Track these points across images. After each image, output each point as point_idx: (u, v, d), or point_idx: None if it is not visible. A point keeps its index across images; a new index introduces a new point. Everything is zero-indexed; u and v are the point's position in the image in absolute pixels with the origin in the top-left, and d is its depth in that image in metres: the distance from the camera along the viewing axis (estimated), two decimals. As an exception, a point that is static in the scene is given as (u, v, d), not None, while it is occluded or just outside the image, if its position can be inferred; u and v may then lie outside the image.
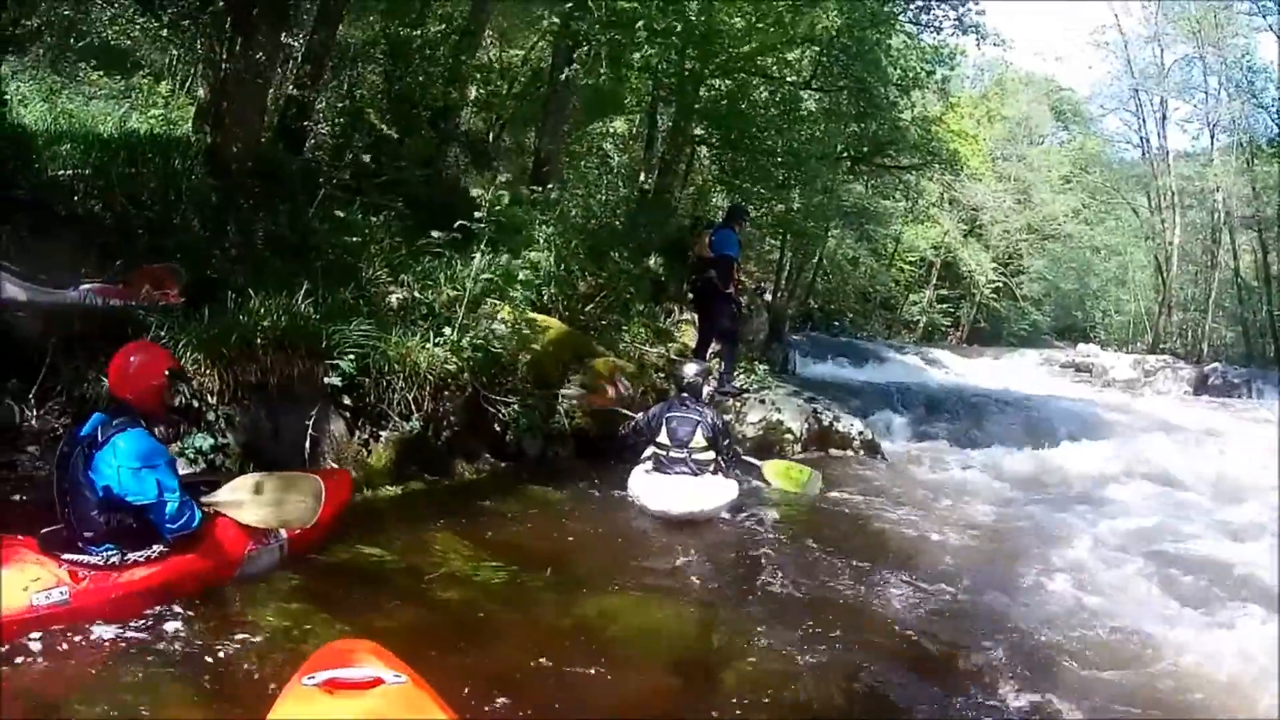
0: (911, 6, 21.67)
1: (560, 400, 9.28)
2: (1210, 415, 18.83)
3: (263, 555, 5.13)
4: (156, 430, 4.83)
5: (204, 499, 4.85)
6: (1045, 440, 13.42)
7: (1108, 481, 11.00)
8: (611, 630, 5.07)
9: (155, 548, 4.55)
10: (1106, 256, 48.87)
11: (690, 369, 9.00)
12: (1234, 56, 39.20)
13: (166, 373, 4.75)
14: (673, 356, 12.63)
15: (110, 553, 4.42)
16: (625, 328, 12.44)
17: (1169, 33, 41.27)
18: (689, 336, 14.06)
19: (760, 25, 14.71)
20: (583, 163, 19.15)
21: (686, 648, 5.09)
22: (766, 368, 14.56)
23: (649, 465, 8.22)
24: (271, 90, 9.71)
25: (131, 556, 4.47)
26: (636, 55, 13.81)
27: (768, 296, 23.17)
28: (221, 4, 8.66)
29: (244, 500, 4.98)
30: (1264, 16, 37.14)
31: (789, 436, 11.22)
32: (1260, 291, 37.45)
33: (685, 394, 8.66)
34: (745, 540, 7.27)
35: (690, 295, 13.44)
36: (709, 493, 7.79)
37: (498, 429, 8.38)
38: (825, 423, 11.75)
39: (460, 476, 7.87)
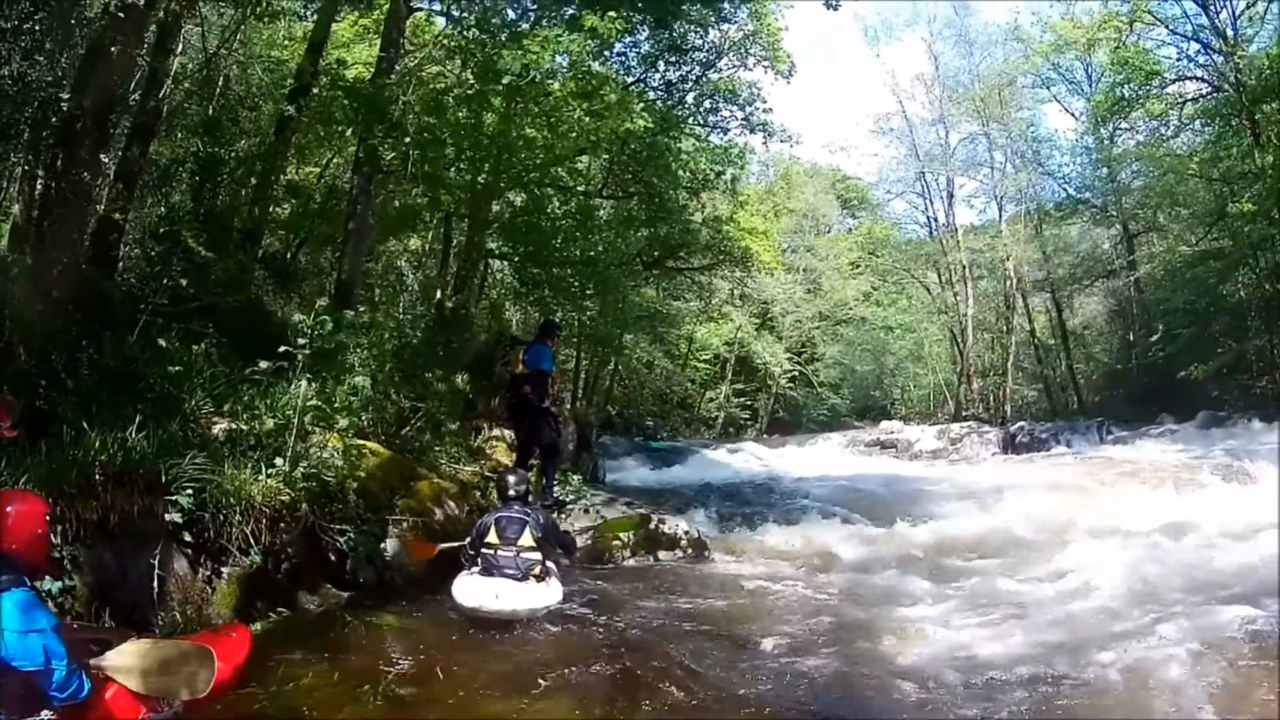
0: (700, 109, 22.49)
1: (390, 526, 9.19)
2: (1020, 469, 20.15)
3: None
4: (38, 585, 4.60)
5: (93, 661, 4.59)
6: (866, 514, 13.86)
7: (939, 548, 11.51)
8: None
9: (44, 714, 4.29)
10: (901, 334, 51.17)
11: (512, 478, 9.03)
12: (1019, 129, 42.37)
13: (47, 518, 4.54)
14: (486, 474, 12.64)
15: (-3, 721, 4.14)
16: (440, 448, 12.39)
17: (953, 114, 44.69)
18: (501, 454, 14.10)
19: (561, 131, 14.96)
20: (380, 281, 19.06)
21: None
22: (580, 477, 14.65)
23: (476, 569, 8.27)
24: (84, 210, 9.49)
25: (18, 725, 4.18)
26: (448, 172, 13.96)
27: (569, 406, 23.26)
28: (45, 119, 8.35)
29: (135, 667, 4.74)
30: (1048, 88, 40.54)
31: (617, 543, 11.25)
32: (1057, 349, 40.11)
33: (511, 499, 8.70)
34: (595, 637, 7.46)
35: (506, 412, 13.51)
36: (528, 594, 7.93)
37: (333, 558, 8.21)
38: (652, 526, 11.85)
39: (306, 609, 7.65)
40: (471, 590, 7.91)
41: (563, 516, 11.67)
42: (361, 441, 9.80)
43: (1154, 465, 17.39)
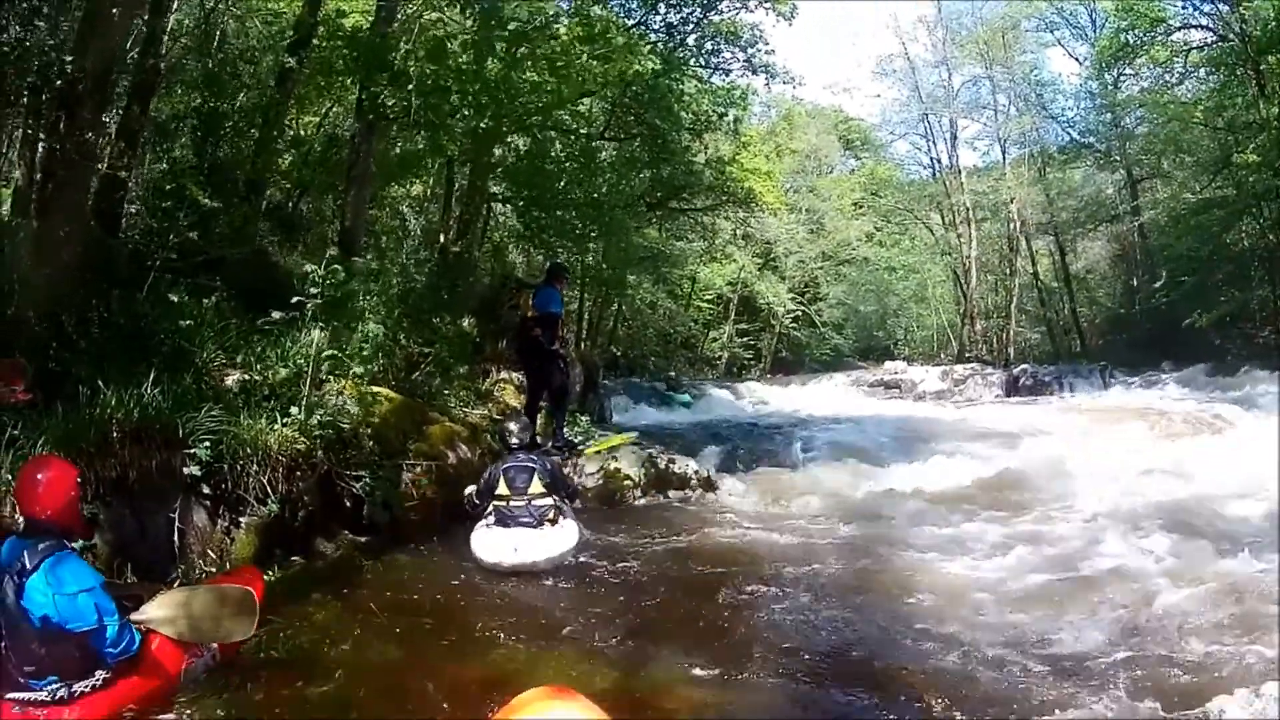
0: (702, 51, 22.34)
1: (405, 470, 9.29)
2: (1023, 412, 20.03)
3: (198, 666, 5.02)
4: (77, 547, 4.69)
5: (133, 617, 4.65)
6: (873, 456, 13.86)
7: (945, 490, 11.59)
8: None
9: (99, 674, 4.38)
10: (904, 275, 51.12)
11: (514, 425, 9.23)
12: (1022, 73, 41.90)
13: (78, 482, 4.62)
14: (495, 417, 12.74)
15: (56, 686, 4.24)
16: (449, 392, 12.48)
17: (956, 56, 44.15)
18: (510, 396, 14.18)
19: (565, 76, 14.89)
20: (383, 228, 19.03)
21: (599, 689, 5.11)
22: (588, 419, 14.76)
23: (491, 520, 8.39)
24: (89, 170, 9.49)
25: (78, 688, 4.30)
26: (451, 118, 13.91)
27: (575, 348, 23.31)
28: (47, 83, 8.35)
29: (177, 617, 4.82)
30: (1051, 31, 40.14)
31: (628, 483, 11.43)
32: (1060, 292, 39.99)
33: (517, 448, 8.85)
34: (610, 582, 7.60)
35: (515, 355, 13.57)
36: (545, 543, 8.03)
37: (349, 504, 8.31)
38: (661, 466, 11.96)
39: (324, 555, 7.77)
40: (490, 544, 8.03)
41: (574, 459, 11.72)
42: (374, 388, 9.90)
43: (1158, 412, 17.35)
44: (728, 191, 25.77)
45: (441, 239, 17.70)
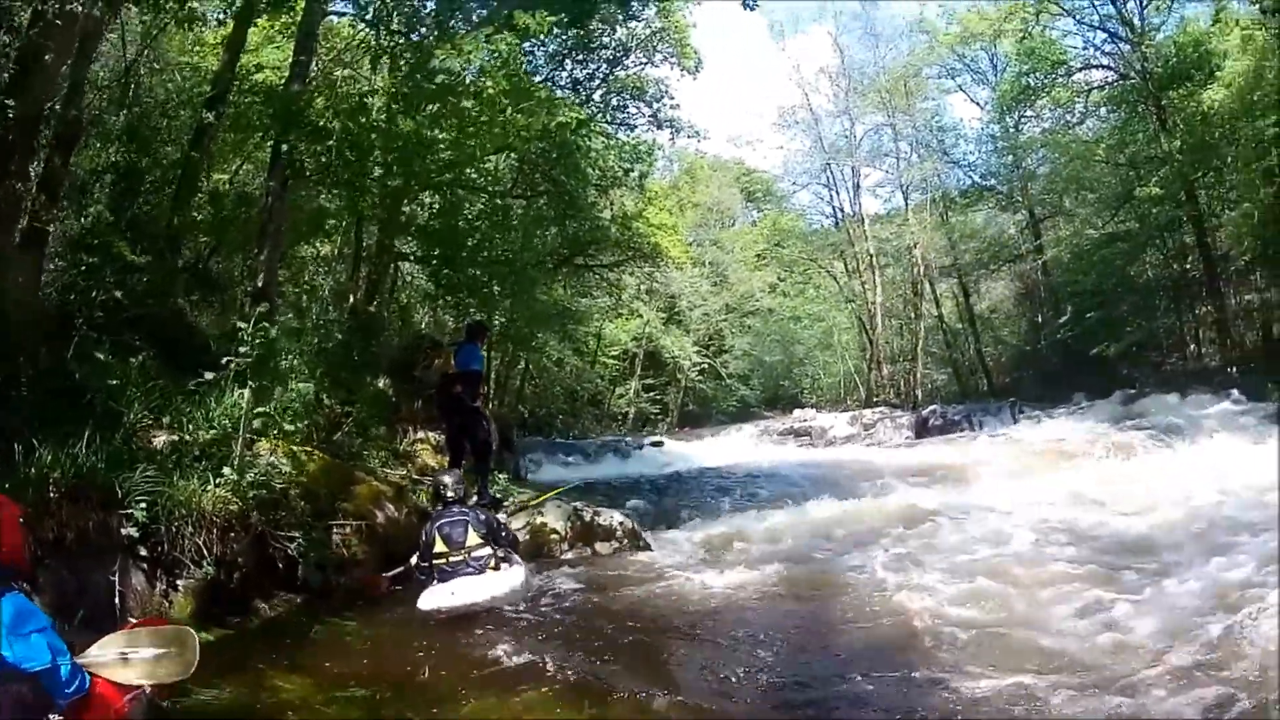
0: (608, 107, 22.57)
1: (335, 530, 9.16)
2: (938, 451, 20.53)
3: (137, 710, 4.86)
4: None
5: (78, 659, 4.48)
6: (793, 500, 14.02)
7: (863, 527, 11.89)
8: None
9: (51, 717, 4.23)
10: (809, 324, 51.94)
11: (448, 478, 9.21)
12: (924, 119, 43.41)
13: (21, 520, 4.48)
14: (414, 476, 12.65)
15: (7, 730, 4.07)
16: (369, 452, 12.35)
17: (858, 105, 45.44)
18: (428, 456, 14.08)
19: (485, 130, 14.94)
20: (293, 288, 18.83)
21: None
22: (505, 476, 14.71)
23: (435, 580, 8.29)
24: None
25: (30, 732, 4.12)
26: (371, 176, 13.89)
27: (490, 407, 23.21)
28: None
29: (120, 657, 4.69)
30: (953, 78, 41.63)
31: (555, 536, 11.33)
32: (966, 332, 40.94)
33: (450, 502, 8.83)
34: (554, 629, 7.55)
35: (438, 412, 13.48)
36: (486, 585, 8.07)
37: (282, 565, 8.15)
38: (587, 519, 11.88)
39: (261, 615, 7.63)
40: (429, 594, 8.03)
41: (500, 514, 11.66)
42: (304, 447, 9.77)
43: (1071, 440, 18.05)
44: (633, 246, 26.10)
45: (351, 299, 17.53)
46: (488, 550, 8.39)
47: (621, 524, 12.06)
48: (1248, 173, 23.85)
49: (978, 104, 43.03)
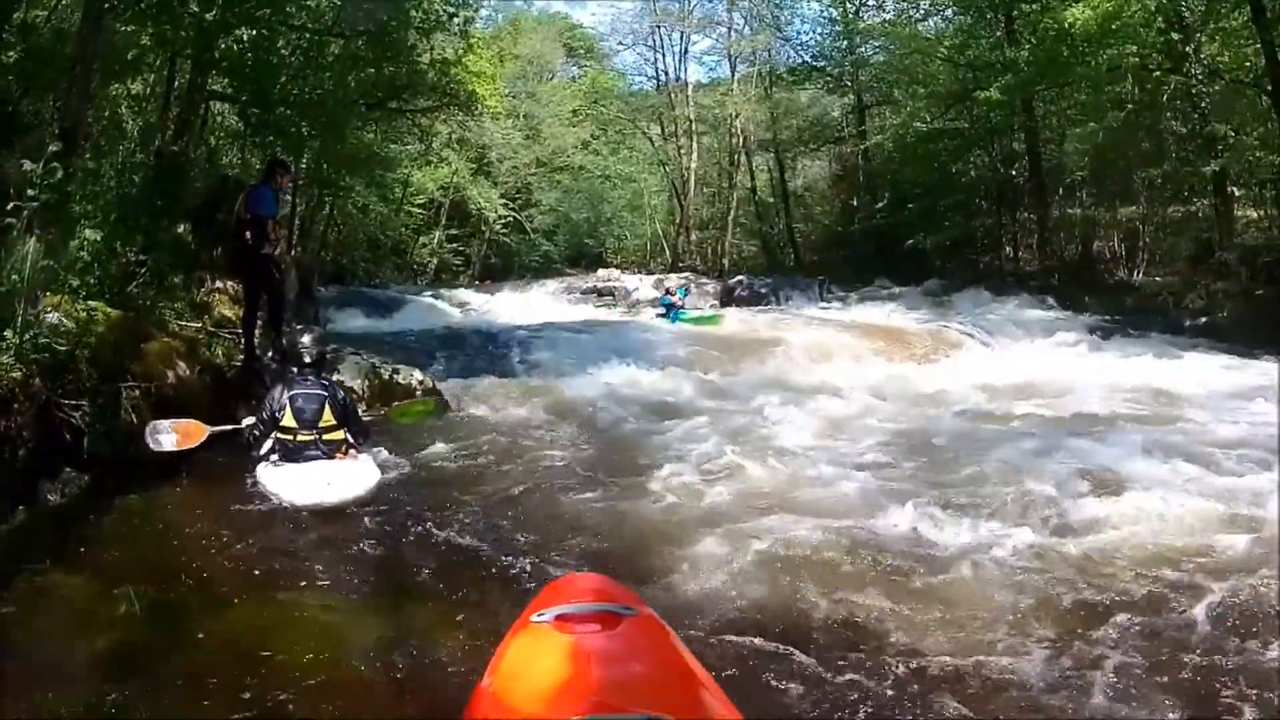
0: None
1: (124, 395, 8.53)
2: (746, 320, 21.66)
3: None
4: None
5: None
6: (593, 363, 14.54)
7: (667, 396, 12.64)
8: (297, 640, 4.86)
9: None
10: (620, 184, 51.86)
11: (307, 338, 8.42)
12: None
13: None
14: (210, 329, 12.04)
15: None
16: (164, 304, 11.63)
17: None
18: (224, 307, 13.48)
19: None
20: (101, 129, 17.61)
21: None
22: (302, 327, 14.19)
23: (276, 456, 7.70)
24: None
25: None
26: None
27: (291, 253, 22.44)
28: None
29: None
30: None
31: (353, 396, 10.96)
32: (778, 206, 41.19)
33: (306, 368, 8.14)
34: (388, 519, 7.08)
35: (228, 262, 12.82)
36: (350, 479, 7.37)
37: (69, 437, 7.52)
38: (386, 377, 11.79)
39: (47, 499, 6.98)
40: (297, 483, 7.29)
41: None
42: (90, 303, 9.07)
43: (894, 326, 18.91)
44: (449, 94, 25.33)
45: (158, 140, 16.45)
46: (340, 435, 7.84)
47: (421, 383, 11.99)
48: (1094, 96, 24.67)
49: (822, -13, 42.67)
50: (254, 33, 16.87)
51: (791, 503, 7.14)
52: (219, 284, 14.05)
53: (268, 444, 7.87)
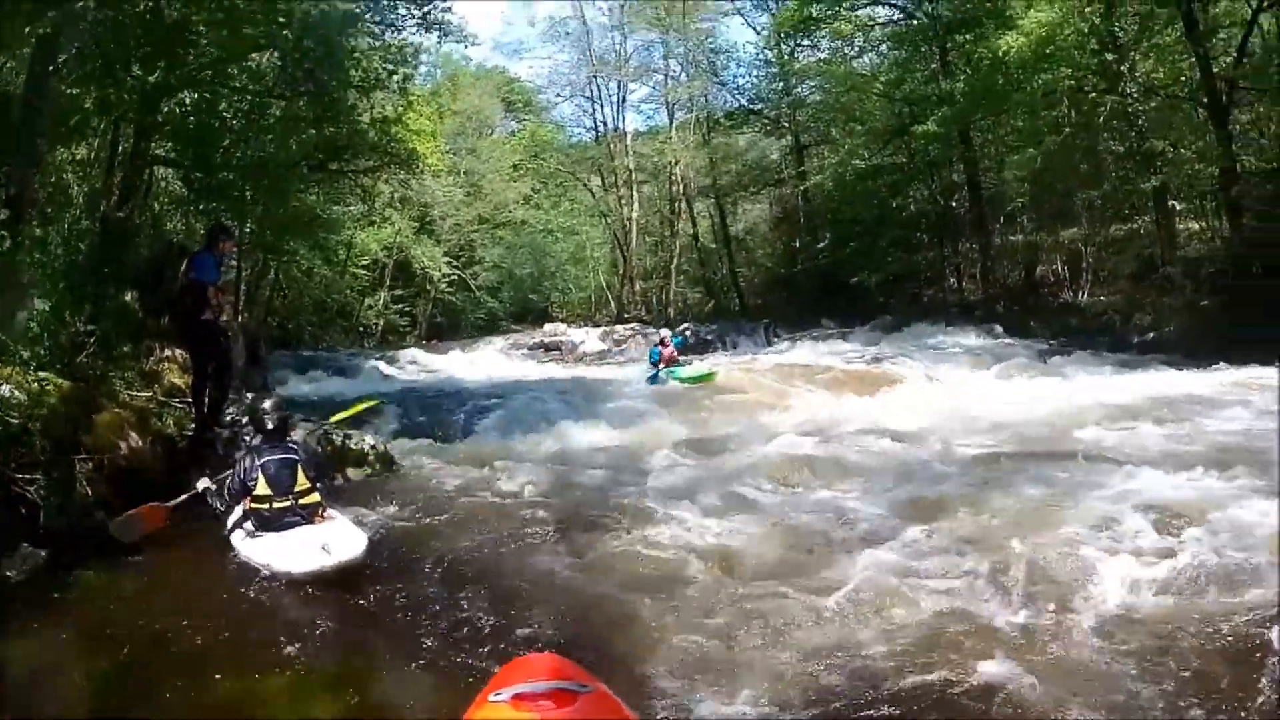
0: (376, 5, 21.83)
1: (78, 467, 8.37)
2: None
3: None
4: None
5: None
6: (547, 419, 14.49)
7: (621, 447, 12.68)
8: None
9: None
10: (562, 237, 52.08)
11: (267, 405, 8.27)
12: (697, 40, 43.78)
13: None
14: (161, 399, 11.87)
15: None
16: (114, 373, 11.47)
17: (632, 21, 45.79)
18: (174, 375, 13.25)
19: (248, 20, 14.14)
20: (46, 195, 17.44)
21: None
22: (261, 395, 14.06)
23: (251, 526, 7.42)
24: None
25: None
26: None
27: (238, 319, 22.27)
28: None
29: None
30: (733, 1, 42.12)
31: (309, 460, 10.89)
32: (720, 252, 41.67)
33: (271, 434, 7.96)
34: (344, 590, 6.87)
35: (174, 329, 12.67)
36: (344, 542, 7.09)
37: (24, 511, 7.36)
38: (337, 443, 11.50)
39: (6, 576, 6.79)
40: (285, 552, 7.02)
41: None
42: (42, 374, 8.91)
43: (843, 365, 19.06)
44: (390, 152, 25.35)
45: (103, 206, 16.31)
46: (315, 498, 7.64)
47: (373, 447, 11.78)
48: (1030, 121, 25.07)
49: (755, 29, 43.56)
50: (196, 96, 16.80)
51: (748, 563, 7.02)
52: (168, 352, 13.83)
53: (237, 512, 7.66)
